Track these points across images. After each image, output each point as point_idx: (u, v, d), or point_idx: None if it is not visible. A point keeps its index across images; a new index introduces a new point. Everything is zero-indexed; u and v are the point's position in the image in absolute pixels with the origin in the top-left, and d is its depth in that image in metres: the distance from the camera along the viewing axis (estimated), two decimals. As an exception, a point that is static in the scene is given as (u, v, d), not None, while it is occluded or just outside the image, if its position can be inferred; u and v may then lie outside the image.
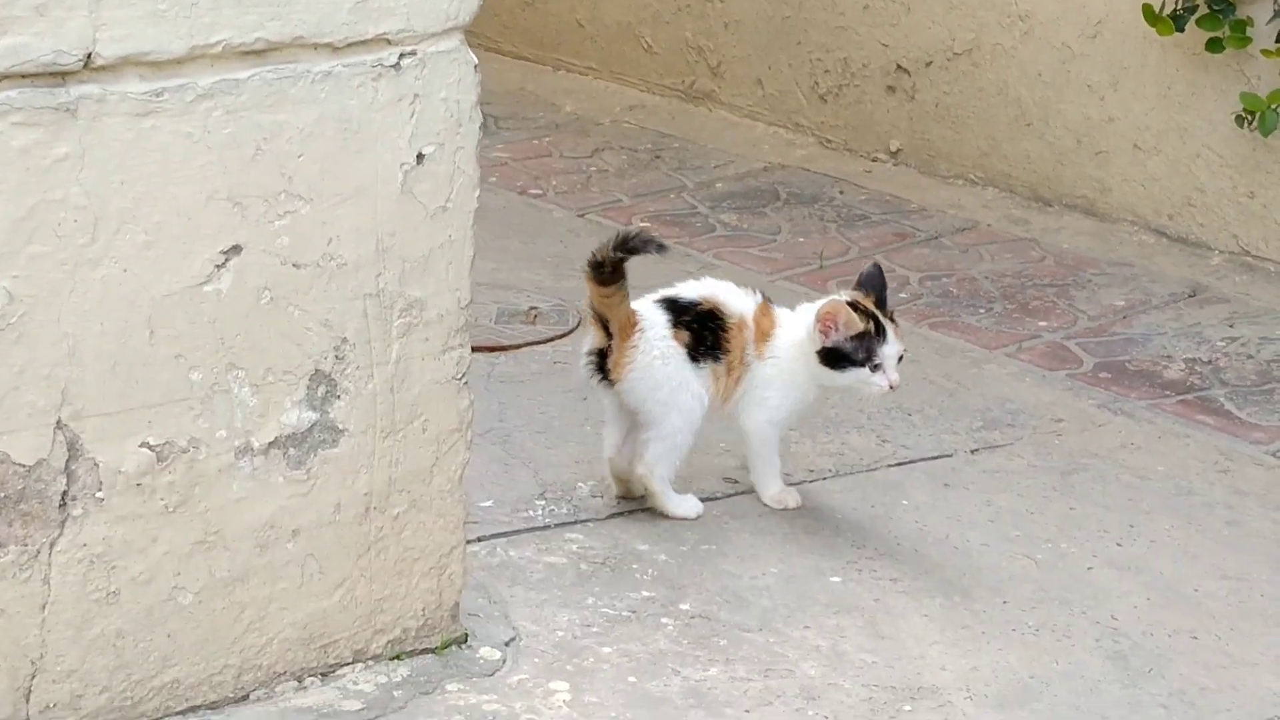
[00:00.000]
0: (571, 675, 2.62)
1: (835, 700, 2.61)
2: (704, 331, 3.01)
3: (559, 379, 3.59)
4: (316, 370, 2.44)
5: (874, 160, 4.78)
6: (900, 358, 3.00)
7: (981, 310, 3.98)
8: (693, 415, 3.01)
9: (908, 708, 2.60)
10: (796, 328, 3.03)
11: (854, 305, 2.99)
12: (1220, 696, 2.67)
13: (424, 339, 2.51)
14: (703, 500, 3.10)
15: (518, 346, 3.72)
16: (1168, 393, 3.61)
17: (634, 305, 3.02)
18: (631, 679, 2.63)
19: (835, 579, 2.93)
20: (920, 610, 2.85)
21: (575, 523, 3.04)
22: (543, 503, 3.10)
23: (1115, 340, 3.84)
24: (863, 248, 4.30)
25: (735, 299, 3.05)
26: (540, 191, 4.60)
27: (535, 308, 3.90)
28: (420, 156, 2.44)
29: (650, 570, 2.92)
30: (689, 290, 3.06)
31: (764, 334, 3.03)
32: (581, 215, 4.46)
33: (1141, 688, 2.68)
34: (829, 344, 2.98)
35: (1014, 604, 2.88)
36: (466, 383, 2.57)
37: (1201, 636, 2.81)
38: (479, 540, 2.94)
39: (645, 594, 2.85)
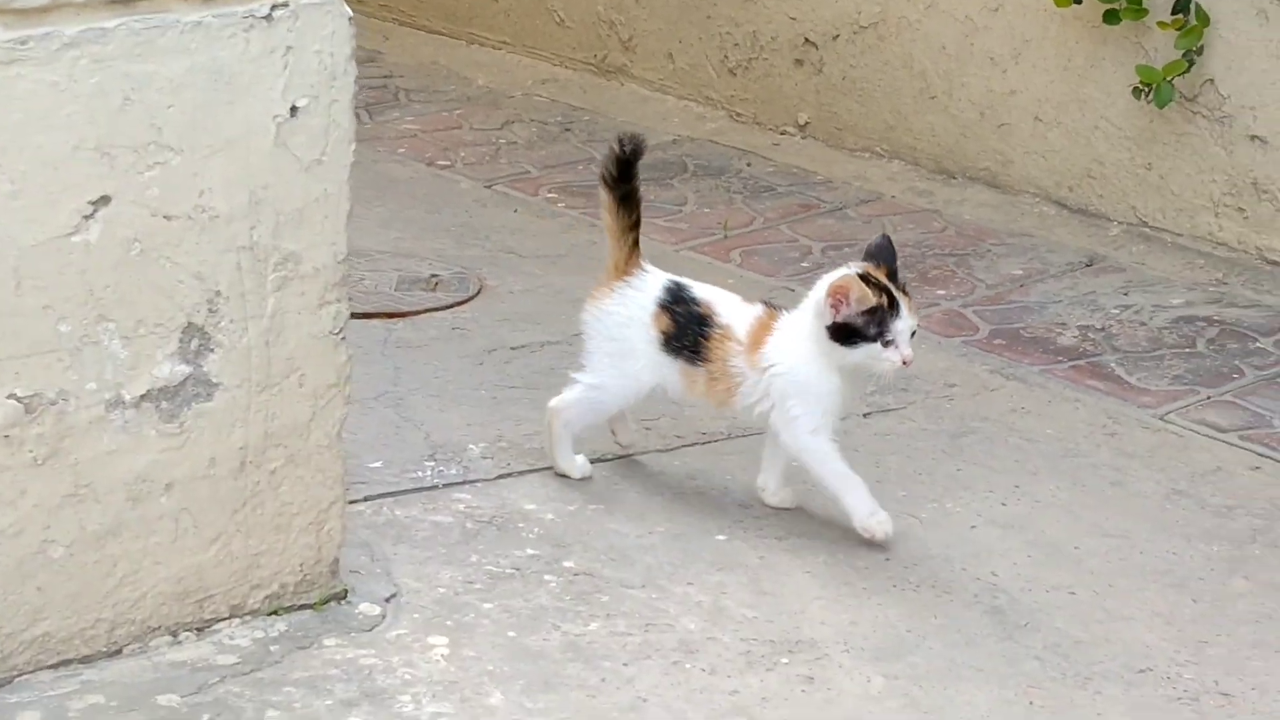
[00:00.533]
0: (451, 630, 2.63)
1: (713, 653, 2.63)
2: (686, 331, 2.93)
3: (457, 344, 3.60)
4: (189, 323, 2.43)
5: (782, 133, 4.80)
6: (913, 333, 2.85)
7: (882, 279, 4.00)
8: (628, 383, 2.97)
9: (785, 660, 2.62)
10: (800, 325, 2.89)
11: (865, 278, 2.84)
12: (1095, 649, 2.70)
13: (300, 293, 2.51)
14: (594, 461, 3.11)
15: (416, 313, 3.72)
16: (1060, 358, 3.65)
17: (649, 268, 2.98)
18: (511, 634, 2.64)
19: (721, 537, 2.94)
20: (804, 567, 2.87)
21: (464, 483, 3.05)
22: (432, 464, 3.10)
23: (1011, 308, 3.88)
24: (768, 218, 4.32)
25: (728, 310, 2.94)
26: (448, 163, 4.60)
27: (436, 275, 3.91)
28: (294, 109, 2.44)
29: (536, 529, 2.93)
30: (698, 289, 2.98)
31: (756, 344, 2.90)
32: (489, 186, 4.46)
33: (1017, 641, 2.71)
34: (839, 319, 2.82)
35: (896, 561, 2.90)
36: (344, 337, 2.57)
37: (1079, 592, 2.85)
38: (365, 500, 2.94)
39: (530, 552, 2.86)
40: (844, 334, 2.84)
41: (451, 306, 3.77)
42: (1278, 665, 2.68)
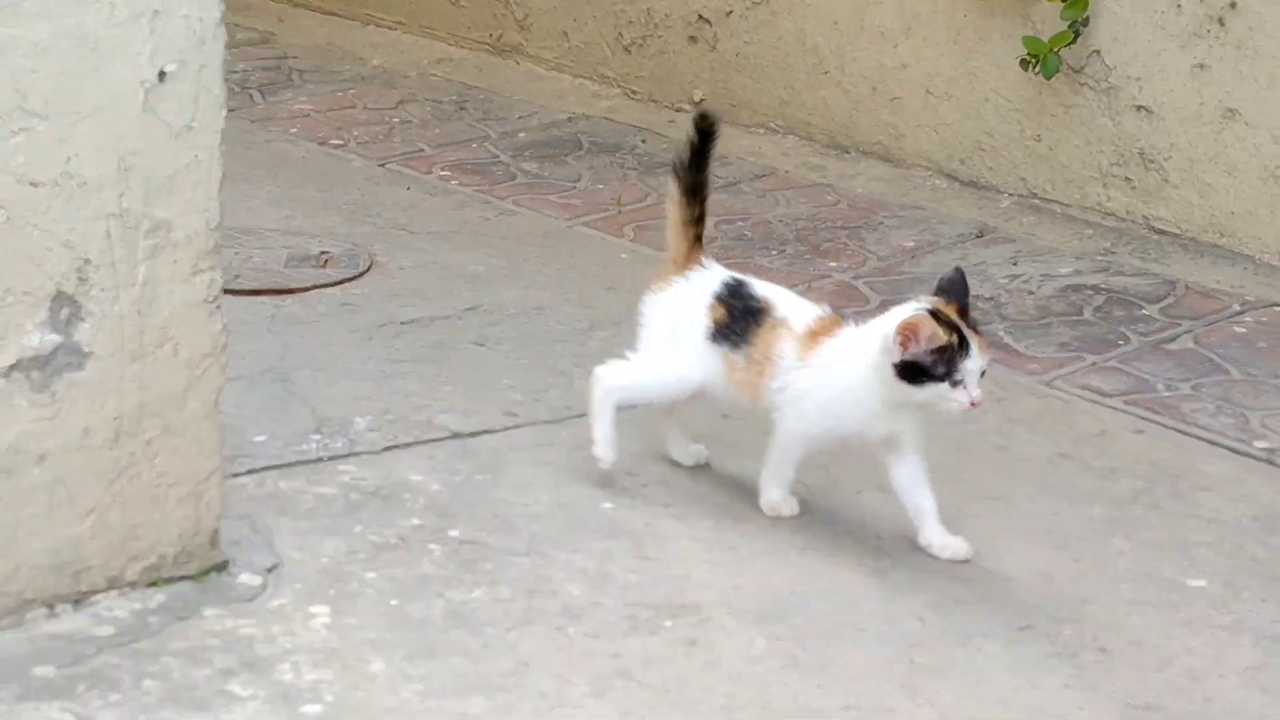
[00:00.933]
0: (333, 599, 2.62)
1: (597, 618, 2.63)
2: (739, 320, 2.87)
3: (345, 319, 3.58)
4: (59, 292, 2.41)
5: (678, 110, 4.81)
6: (983, 372, 2.75)
7: (774, 252, 4.02)
8: (675, 378, 2.91)
9: (668, 624, 2.63)
10: (857, 344, 2.80)
11: (936, 315, 2.73)
12: (975, 608, 2.72)
13: (172, 261, 2.48)
14: (481, 434, 3.11)
15: (305, 289, 3.70)
16: (949, 327, 3.68)
17: (710, 264, 2.92)
18: (394, 602, 2.63)
19: (608, 505, 2.95)
20: (690, 533, 2.88)
21: (349, 455, 3.03)
22: (318, 437, 3.08)
23: (902, 279, 3.90)
24: (660, 194, 4.30)
25: (787, 305, 2.87)
26: (341, 142, 4.58)
27: (326, 252, 3.89)
28: (162, 74, 2.41)
29: (422, 499, 2.92)
30: (759, 287, 2.91)
31: (812, 340, 2.82)
32: (382, 165, 4.44)
33: (899, 602, 2.73)
34: (907, 357, 2.72)
35: (782, 526, 2.91)
36: (219, 306, 2.55)
37: (962, 553, 2.88)
38: (249, 473, 2.93)
39: (415, 522, 2.85)
40: (911, 372, 2.74)
41: (341, 283, 3.75)
42: (1155, 621, 2.71)
